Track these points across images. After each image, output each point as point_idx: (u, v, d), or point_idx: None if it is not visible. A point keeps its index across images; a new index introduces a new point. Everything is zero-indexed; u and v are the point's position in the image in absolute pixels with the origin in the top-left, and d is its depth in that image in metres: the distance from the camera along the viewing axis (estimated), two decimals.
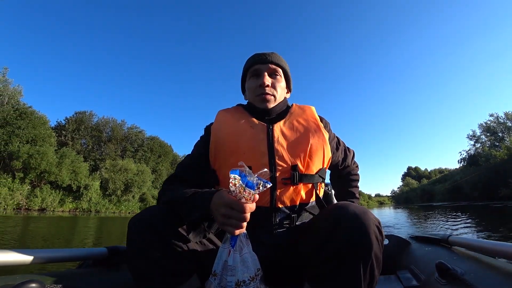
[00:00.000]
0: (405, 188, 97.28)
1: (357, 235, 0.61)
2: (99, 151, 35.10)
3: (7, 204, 21.49)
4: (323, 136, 0.92)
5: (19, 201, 22.70)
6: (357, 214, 0.63)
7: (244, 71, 1.05)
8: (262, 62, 0.98)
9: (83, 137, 34.52)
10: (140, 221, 0.71)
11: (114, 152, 34.95)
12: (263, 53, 1.00)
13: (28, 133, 25.57)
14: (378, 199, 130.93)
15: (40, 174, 25.12)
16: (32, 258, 0.75)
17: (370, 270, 0.62)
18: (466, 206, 19.30)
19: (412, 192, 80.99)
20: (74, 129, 33.96)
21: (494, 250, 0.84)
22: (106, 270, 0.96)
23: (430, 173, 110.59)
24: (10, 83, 30.22)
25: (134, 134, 39.09)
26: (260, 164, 0.84)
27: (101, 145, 35.51)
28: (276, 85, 0.98)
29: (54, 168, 25.51)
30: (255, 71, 0.99)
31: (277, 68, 0.99)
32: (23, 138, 25.12)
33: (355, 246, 0.61)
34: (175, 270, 0.72)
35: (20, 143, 24.62)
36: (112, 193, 29.77)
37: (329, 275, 0.65)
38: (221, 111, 1.02)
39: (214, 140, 0.92)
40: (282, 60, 1.02)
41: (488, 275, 0.79)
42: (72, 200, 26.90)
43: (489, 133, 38.99)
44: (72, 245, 4.76)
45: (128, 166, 31.38)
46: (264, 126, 0.91)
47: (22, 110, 26.52)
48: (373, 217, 0.64)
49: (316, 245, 0.69)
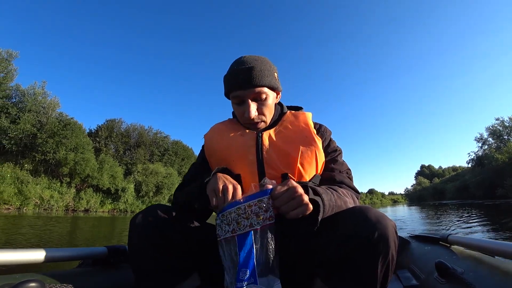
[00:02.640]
0: (418, 186, 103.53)
1: (378, 236, 0.63)
2: (130, 156, 37.90)
3: (58, 206, 24.27)
4: (315, 141, 0.87)
5: (68, 203, 25.49)
6: (378, 217, 0.65)
7: (225, 90, 0.91)
8: (242, 88, 0.85)
9: (115, 143, 37.31)
10: (141, 220, 0.72)
11: (143, 157, 37.75)
12: (240, 72, 0.85)
13: (72, 142, 28.34)
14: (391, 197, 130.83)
15: (84, 178, 28.01)
16: (32, 258, 0.75)
17: (386, 268, 0.64)
18: (469, 204, 21.68)
19: (425, 190, 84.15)
20: (106, 136, 36.81)
21: (493, 249, 0.82)
22: (106, 270, 0.95)
23: (444, 171, 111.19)
24: (48, 95, 33.39)
25: (160, 139, 41.85)
26: (249, 172, 0.84)
27: (131, 150, 38.35)
28: (263, 109, 0.89)
29: (96, 173, 28.41)
30: (237, 98, 0.88)
31: (261, 89, 0.86)
32: (68, 147, 27.93)
33: (376, 245, 0.63)
34: (176, 269, 0.73)
35: (65, 151, 27.42)
36: (145, 194, 32.49)
37: (345, 271, 0.67)
38: (216, 123, 1.01)
39: (207, 149, 0.95)
40: (264, 74, 0.86)
41: (488, 274, 0.78)
42: (111, 201, 29.79)
43: (495, 136, 42.30)
44: (121, 240, 5.15)
45: (158, 170, 34.14)
46: (253, 134, 0.89)
47: (66, 121, 29.42)
48: (390, 220, 0.66)
49: (336, 243, 0.68)
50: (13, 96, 30.98)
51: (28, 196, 22.49)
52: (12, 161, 26.25)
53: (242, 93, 0.87)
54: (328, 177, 0.90)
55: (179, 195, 0.89)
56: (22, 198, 22.20)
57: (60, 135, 27.62)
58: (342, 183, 0.89)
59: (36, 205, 22.81)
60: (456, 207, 16.66)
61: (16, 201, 21.62)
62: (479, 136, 44.91)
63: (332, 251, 0.69)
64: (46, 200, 23.64)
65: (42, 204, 23.23)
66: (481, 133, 45.02)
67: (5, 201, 20.78)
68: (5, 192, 21.04)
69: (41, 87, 32.65)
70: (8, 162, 25.77)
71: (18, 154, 27.26)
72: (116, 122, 38.73)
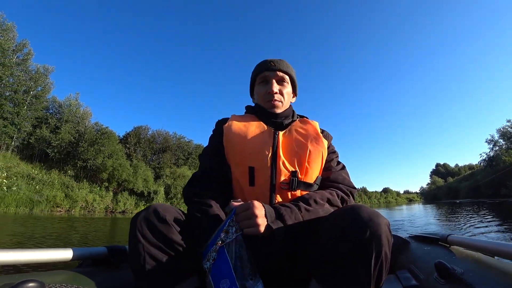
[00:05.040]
0: (432, 186, 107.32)
1: (370, 235, 0.63)
2: (157, 160, 40.32)
3: (100, 208, 26.60)
4: (322, 143, 0.97)
5: (107, 205, 27.82)
6: (370, 215, 0.66)
7: (253, 76, 1.09)
8: (271, 70, 1.02)
9: (143, 148, 39.65)
10: (142, 219, 0.73)
11: (169, 161, 40.10)
12: (271, 60, 1.04)
13: (108, 149, 30.85)
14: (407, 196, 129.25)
15: (121, 183, 30.54)
16: (31, 258, 0.75)
17: (380, 267, 0.64)
18: (477, 202, 23.71)
19: (439, 189, 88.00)
20: (135, 142, 39.19)
21: (493, 249, 0.82)
22: (106, 270, 0.94)
23: (460, 169, 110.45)
24: (81, 106, 35.98)
25: (184, 144, 44.18)
26: (263, 165, 0.89)
27: (158, 155, 40.75)
28: (283, 91, 1.04)
29: (131, 177, 30.89)
30: (263, 78, 1.04)
31: (285, 75, 1.04)
32: (105, 154, 30.43)
33: (368, 244, 0.63)
34: (176, 269, 0.73)
35: (103, 158, 29.91)
36: (173, 196, 34.69)
37: (340, 271, 0.67)
38: (234, 115, 1.06)
39: (226, 139, 0.98)
40: (289, 67, 1.07)
41: (487, 275, 0.78)
42: (144, 203, 31.95)
43: (505, 137, 44.96)
44: None
45: (184, 173, 36.31)
46: (271, 131, 0.97)
47: (102, 130, 32.18)
48: (384, 218, 0.67)
49: (329, 244, 0.70)
50: (50, 108, 33.81)
51: (76, 200, 25.03)
52: (56, 168, 28.82)
53: (269, 73, 1.02)
54: (324, 175, 0.99)
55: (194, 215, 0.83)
56: (71, 201, 24.69)
57: (99, 143, 30.26)
58: (336, 181, 0.97)
59: (82, 207, 25.13)
60: (466, 206, 18.33)
61: (66, 204, 24.01)
62: (490, 137, 47.96)
63: (326, 251, 0.71)
64: (90, 203, 26.07)
65: (87, 207, 25.66)
66: (492, 135, 48.11)
67: (58, 204, 23.15)
68: (57, 196, 23.44)
69: (75, 99, 35.38)
70: (53, 169, 28.33)
71: (61, 161, 29.87)
72: (143, 129, 41.22)
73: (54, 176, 26.83)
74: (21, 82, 29.11)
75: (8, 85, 27.91)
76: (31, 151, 29.72)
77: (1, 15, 28.58)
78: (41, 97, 31.53)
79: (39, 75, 31.42)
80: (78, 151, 29.53)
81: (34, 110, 30.35)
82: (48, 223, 9.66)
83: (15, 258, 0.72)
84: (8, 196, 20.09)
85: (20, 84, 29.02)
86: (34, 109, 30.27)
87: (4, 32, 28.26)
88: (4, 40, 27.65)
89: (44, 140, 29.42)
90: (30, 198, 21.35)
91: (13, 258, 0.71)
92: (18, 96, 28.68)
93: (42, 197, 22.13)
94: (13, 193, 20.57)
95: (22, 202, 20.62)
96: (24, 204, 20.67)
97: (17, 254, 0.73)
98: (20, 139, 28.80)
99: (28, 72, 30.60)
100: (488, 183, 42.50)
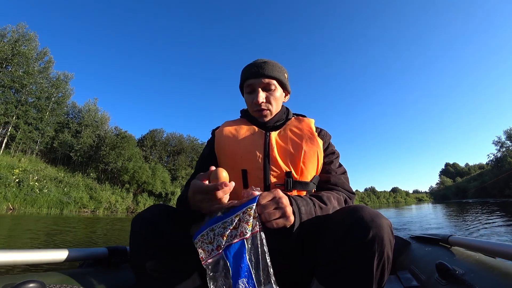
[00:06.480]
0: (441, 186, 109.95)
1: (373, 236, 0.62)
2: (172, 162, 41.58)
3: (122, 209, 27.84)
4: (317, 142, 0.94)
5: (128, 206, 29.02)
6: (372, 216, 0.65)
7: (240, 82, 1.04)
8: (255, 76, 0.96)
9: (158, 151, 40.92)
10: (142, 220, 0.72)
11: (184, 163, 41.29)
12: (255, 65, 0.98)
13: (127, 152, 32.16)
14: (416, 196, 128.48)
15: (141, 184, 31.75)
16: (32, 258, 0.75)
17: (382, 267, 0.64)
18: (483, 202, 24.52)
19: (448, 189, 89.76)
20: (151, 145, 40.47)
21: (494, 250, 0.82)
22: (106, 270, 0.94)
23: (470, 168, 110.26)
24: (99, 111, 37.30)
25: (198, 146, 45.21)
26: (255, 167, 0.87)
27: (173, 157, 42.03)
28: (270, 99, 0.97)
29: (150, 179, 32.14)
30: (249, 87, 0.99)
31: (271, 80, 0.97)
32: (125, 157, 31.72)
33: (370, 244, 0.62)
34: (176, 268, 0.72)
35: (122, 161, 31.22)
36: None
37: (342, 271, 0.66)
38: (227, 121, 1.06)
39: (217, 143, 0.97)
40: (275, 69, 0.99)
41: (488, 275, 0.78)
42: None
43: None
44: None
45: None
46: (262, 133, 0.95)
47: (122, 134, 33.52)
48: (386, 219, 0.66)
49: (332, 243, 0.69)
50: (70, 113, 35.19)
51: (100, 201, 26.37)
52: (79, 170, 30.13)
53: (254, 81, 0.97)
54: (324, 178, 0.96)
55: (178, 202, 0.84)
56: (96, 202, 26.02)
57: (119, 147, 31.60)
58: (336, 185, 0.95)
59: (105, 208, 26.33)
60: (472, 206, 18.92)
61: (92, 205, 25.32)
62: (497, 139, 49.63)
63: (328, 251, 0.70)
64: (113, 204, 27.35)
65: (110, 207, 26.89)
66: (499, 136, 49.93)
67: (84, 205, 24.35)
68: (83, 198, 24.67)
69: (94, 104, 36.74)
70: (76, 171, 29.63)
71: (83, 164, 31.18)
72: (158, 132, 42.54)
73: (78, 178, 28.16)
74: (44, 89, 30.54)
75: (32, 92, 29.31)
76: (54, 155, 31.21)
77: (24, 25, 30.05)
78: (62, 103, 32.98)
79: (59, 82, 32.84)
80: (99, 154, 30.87)
81: (56, 116, 31.87)
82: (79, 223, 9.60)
83: (16, 259, 0.72)
84: (40, 198, 21.36)
85: (43, 91, 30.45)
86: (56, 114, 31.79)
87: (28, 41, 29.62)
88: (28, 50, 29.00)
89: (66, 144, 30.77)
90: (60, 200, 22.64)
91: (14, 258, 0.72)
92: (41, 103, 30.19)
93: (71, 199, 23.40)
94: (45, 195, 21.86)
95: (53, 204, 21.96)
96: (55, 206, 21.97)
97: (18, 254, 0.73)
98: (43, 143, 30.22)
99: (49, 79, 32.01)
100: (494, 184, 43.97)
